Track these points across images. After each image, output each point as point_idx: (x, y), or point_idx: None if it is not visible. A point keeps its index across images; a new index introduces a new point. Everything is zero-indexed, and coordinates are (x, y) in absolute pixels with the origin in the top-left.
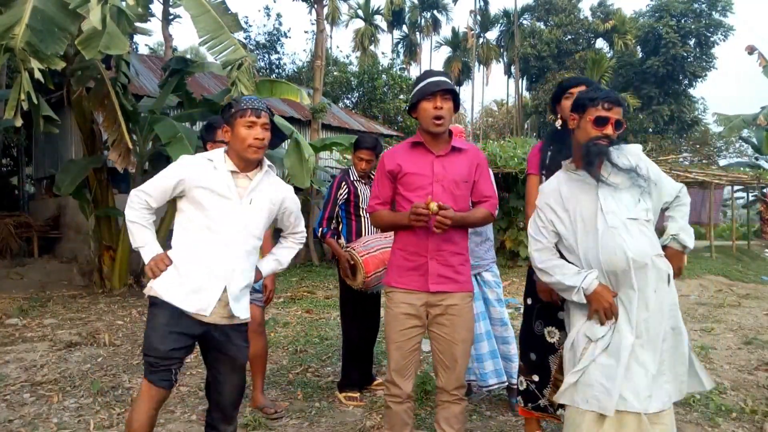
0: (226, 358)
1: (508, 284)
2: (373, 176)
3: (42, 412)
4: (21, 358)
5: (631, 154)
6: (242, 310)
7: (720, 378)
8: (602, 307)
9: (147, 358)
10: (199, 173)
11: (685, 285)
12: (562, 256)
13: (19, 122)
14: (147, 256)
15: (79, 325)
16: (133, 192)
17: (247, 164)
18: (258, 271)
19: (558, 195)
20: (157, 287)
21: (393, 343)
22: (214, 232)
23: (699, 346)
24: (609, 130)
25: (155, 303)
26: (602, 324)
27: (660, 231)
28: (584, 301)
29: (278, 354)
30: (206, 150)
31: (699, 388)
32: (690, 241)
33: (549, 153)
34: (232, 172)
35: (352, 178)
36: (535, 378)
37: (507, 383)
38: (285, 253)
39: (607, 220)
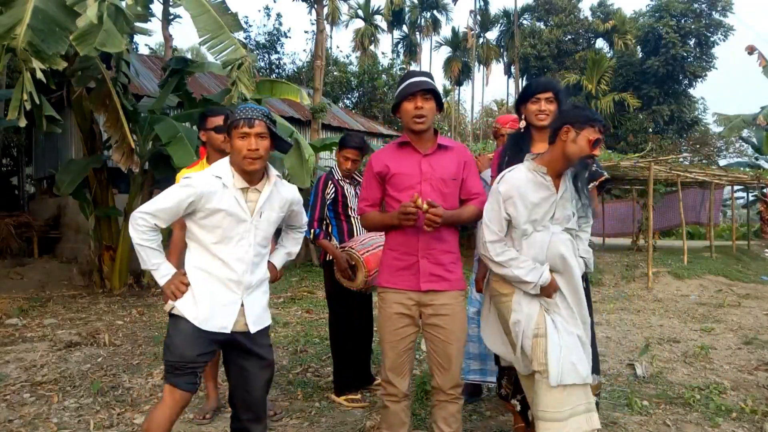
0: (254, 358)
1: None
2: (357, 176)
3: (42, 412)
4: (21, 358)
5: None
6: (263, 320)
7: (720, 378)
8: (548, 294)
9: (171, 362)
10: (210, 193)
11: (685, 285)
12: None
13: (23, 122)
14: (163, 279)
15: (79, 325)
16: (137, 214)
17: (251, 177)
18: (273, 267)
19: (522, 188)
20: (181, 306)
21: (387, 342)
22: (227, 250)
23: (699, 346)
24: (597, 151)
25: (177, 315)
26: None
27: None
28: (531, 293)
29: (278, 354)
30: (200, 139)
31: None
32: (590, 266)
33: (506, 158)
34: (242, 188)
35: (337, 178)
36: (497, 367)
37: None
38: (293, 243)
39: (553, 228)
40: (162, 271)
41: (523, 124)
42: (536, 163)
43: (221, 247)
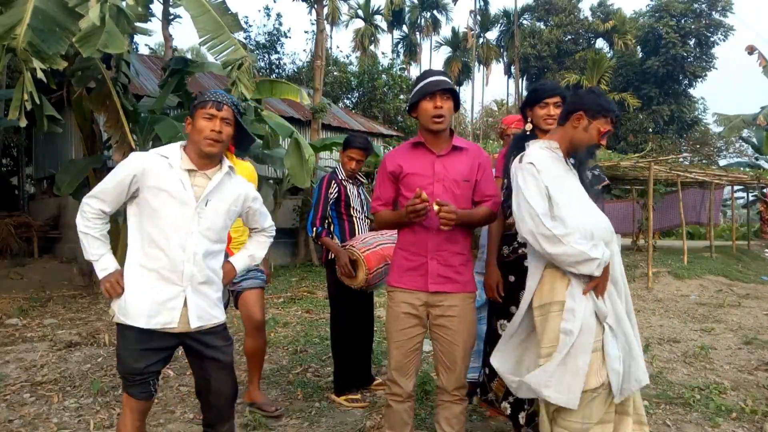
0: (208, 360)
1: None
2: (360, 177)
3: (42, 412)
4: (21, 358)
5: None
6: (210, 317)
7: (720, 378)
8: (603, 282)
9: (121, 374)
10: (152, 171)
11: (685, 285)
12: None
13: (24, 122)
14: (101, 273)
15: (79, 325)
16: (84, 199)
17: (204, 161)
18: (231, 269)
19: (547, 161)
20: (119, 313)
21: (393, 342)
22: (167, 238)
23: (699, 346)
24: (603, 141)
25: (122, 324)
26: (599, 298)
27: None
28: (595, 275)
29: (278, 354)
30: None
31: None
32: None
33: (512, 159)
34: (189, 170)
35: (340, 178)
36: (487, 370)
37: None
38: (258, 248)
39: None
40: (102, 264)
41: (529, 126)
42: (548, 140)
43: (161, 233)
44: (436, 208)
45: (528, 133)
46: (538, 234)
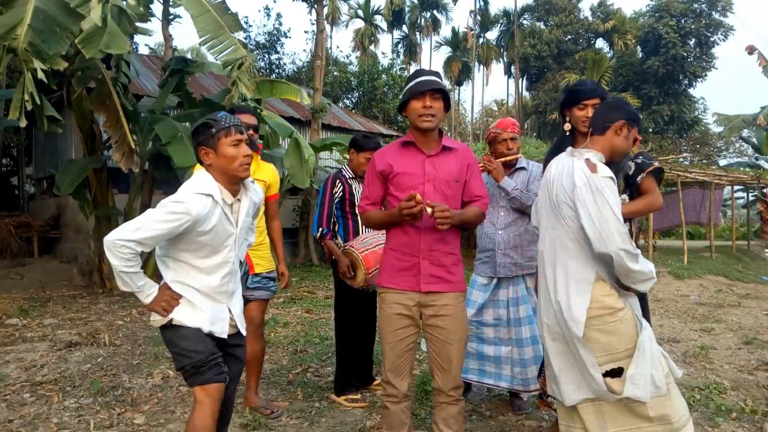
0: (231, 359)
1: None
2: None
3: (42, 412)
4: (21, 358)
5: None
6: (241, 322)
7: (720, 378)
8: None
9: (192, 364)
10: (202, 215)
11: (685, 285)
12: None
13: (24, 123)
14: (148, 298)
15: (79, 325)
16: (119, 242)
17: (236, 186)
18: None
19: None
20: (180, 317)
21: (387, 343)
22: (214, 264)
23: (699, 346)
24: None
25: (177, 326)
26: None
27: None
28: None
29: (278, 354)
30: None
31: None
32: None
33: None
34: (230, 204)
35: (347, 176)
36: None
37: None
38: (250, 233)
39: None
40: (147, 290)
41: (567, 127)
42: (593, 150)
43: (208, 261)
44: (429, 210)
45: (567, 134)
46: (625, 251)
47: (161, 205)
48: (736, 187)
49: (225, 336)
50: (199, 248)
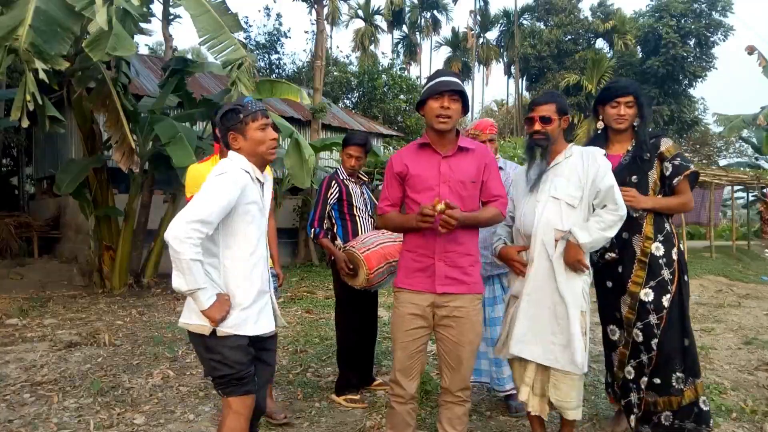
0: (261, 364)
1: None
2: (362, 176)
3: (42, 412)
4: (21, 358)
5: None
6: (277, 317)
7: (720, 378)
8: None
9: (230, 375)
10: (248, 186)
11: None
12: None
13: (26, 123)
14: (208, 301)
15: (79, 325)
16: (187, 226)
17: (262, 169)
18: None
19: None
20: (227, 328)
21: (398, 343)
22: (254, 248)
23: (699, 346)
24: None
25: (222, 335)
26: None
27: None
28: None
29: (278, 354)
30: (217, 142)
31: (567, 367)
32: (580, 237)
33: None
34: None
35: (341, 177)
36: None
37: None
38: None
39: None
40: (210, 291)
41: (600, 124)
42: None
43: (253, 228)
44: (442, 207)
45: (599, 131)
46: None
47: (208, 182)
48: (736, 187)
49: (270, 332)
50: (249, 224)
